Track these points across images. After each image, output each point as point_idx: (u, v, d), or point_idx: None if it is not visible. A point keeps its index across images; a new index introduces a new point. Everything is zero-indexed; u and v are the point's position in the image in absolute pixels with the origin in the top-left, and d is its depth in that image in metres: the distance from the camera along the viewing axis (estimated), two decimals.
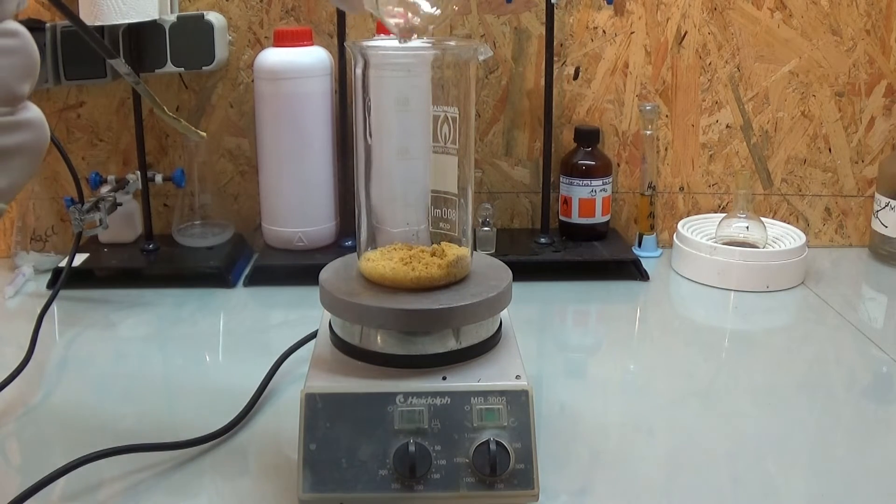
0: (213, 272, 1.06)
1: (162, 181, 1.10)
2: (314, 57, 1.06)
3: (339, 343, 0.66)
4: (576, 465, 0.69)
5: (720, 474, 0.68)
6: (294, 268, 1.07)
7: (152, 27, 1.04)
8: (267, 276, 1.07)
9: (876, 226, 1.17)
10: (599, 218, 1.15)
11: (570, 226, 1.16)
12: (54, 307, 0.97)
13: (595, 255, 1.11)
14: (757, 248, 1.09)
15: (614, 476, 0.68)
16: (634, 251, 1.15)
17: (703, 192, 1.21)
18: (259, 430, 0.74)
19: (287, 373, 0.82)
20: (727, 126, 1.19)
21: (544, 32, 1.09)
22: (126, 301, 1.02)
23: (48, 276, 1.06)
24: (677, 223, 1.15)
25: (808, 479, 0.68)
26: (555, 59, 1.13)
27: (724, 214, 1.14)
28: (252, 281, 1.07)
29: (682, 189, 1.21)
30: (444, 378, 0.63)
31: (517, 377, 0.63)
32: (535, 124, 1.17)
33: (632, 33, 1.15)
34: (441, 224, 0.68)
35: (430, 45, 0.72)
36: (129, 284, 1.06)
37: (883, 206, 1.15)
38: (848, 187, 1.22)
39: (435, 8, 0.62)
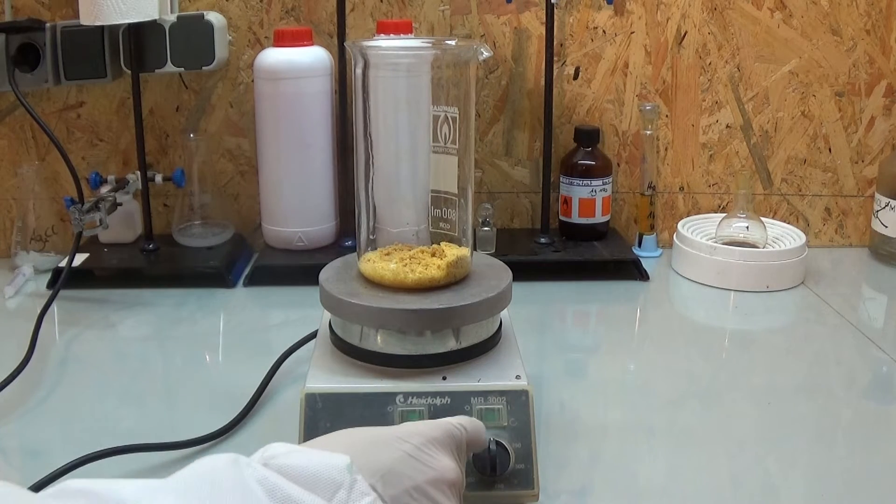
0: (213, 272, 1.06)
1: (162, 181, 1.10)
2: (314, 57, 1.06)
3: (339, 343, 0.66)
4: (576, 465, 0.69)
5: (720, 474, 0.68)
6: (294, 268, 1.07)
7: (152, 27, 1.04)
8: (267, 276, 1.07)
9: (876, 226, 1.17)
10: (599, 218, 1.15)
11: (570, 226, 1.16)
12: (54, 307, 0.97)
13: (595, 255, 1.11)
14: (757, 248, 1.09)
15: (614, 476, 0.68)
16: (634, 251, 1.15)
17: (703, 192, 1.21)
18: (259, 430, 0.74)
19: (287, 373, 0.82)
20: (727, 126, 1.19)
21: (544, 32, 1.09)
22: (126, 301, 1.02)
23: (48, 276, 1.06)
24: (677, 223, 1.15)
25: (808, 479, 0.68)
26: (555, 59, 1.13)
27: (724, 214, 1.14)
28: (252, 281, 1.07)
29: (682, 189, 1.21)
30: (444, 378, 0.63)
31: (517, 377, 0.63)
32: (535, 124, 1.17)
33: (632, 33, 1.15)
34: (441, 224, 0.68)
35: (430, 45, 0.72)
36: (129, 284, 1.06)
37: (883, 206, 1.15)
38: (848, 187, 1.22)
39: None
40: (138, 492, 0.40)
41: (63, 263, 1.01)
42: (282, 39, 1.05)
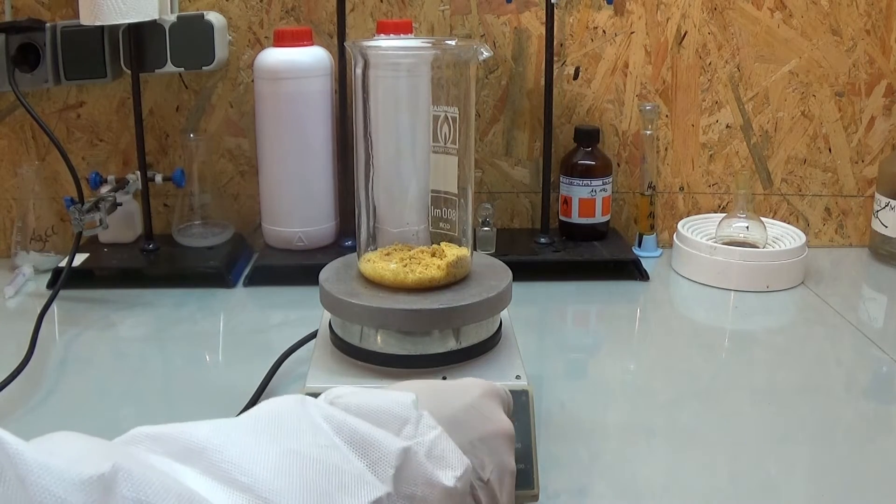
0: (213, 272, 1.06)
1: (162, 181, 1.10)
2: (314, 57, 1.06)
3: (339, 343, 0.66)
4: (576, 465, 0.69)
5: (720, 474, 0.68)
6: (294, 268, 1.06)
7: (152, 27, 1.04)
8: (267, 276, 1.07)
9: (876, 226, 1.17)
10: (599, 218, 1.15)
11: (570, 226, 1.16)
12: (54, 307, 0.97)
13: (595, 255, 1.11)
14: (757, 248, 1.09)
15: (614, 476, 0.68)
16: (634, 251, 1.15)
17: (703, 192, 1.21)
18: None
19: (287, 373, 0.82)
20: (727, 126, 1.19)
21: (544, 32, 1.09)
22: (126, 301, 1.02)
23: (48, 276, 1.06)
24: (677, 223, 1.15)
25: (808, 479, 0.68)
26: (555, 59, 1.13)
27: (724, 214, 1.14)
28: (252, 281, 1.07)
29: (682, 189, 1.21)
30: (444, 378, 0.63)
31: (517, 377, 0.63)
32: (535, 124, 1.17)
33: (632, 33, 1.15)
34: (441, 224, 0.68)
35: (430, 45, 0.72)
36: (129, 284, 1.06)
37: (883, 206, 1.15)
38: (848, 187, 1.22)
39: None
40: (210, 432, 0.40)
41: (63, 263, 1.01)
42: (282, 39, 1.05)
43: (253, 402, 0.76)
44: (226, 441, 0.40)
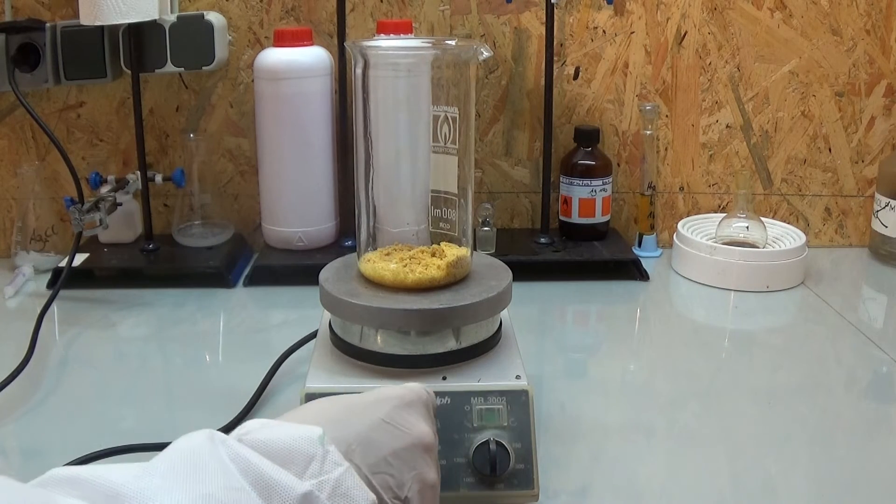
0: (213, 272, 1.06)
1: (162, 181, 1.10)
2: (314, 57, 1.06)
3: (339, 343, 0.66)
4: (576, 465, 0.69)
5: (720, 474, 0.68)
6: (294, 268, 1.07)
7: (152, 27, 1.04)
8: (267, 276, 1.07)
9: (876, 226, 1.17)
10: (599, 218, 1.15)
11: (570, 226, 1.16)
12: (54, 307, 0.97)
13: (595, 255, 1.11)
14: (757, 248, 1.09)
15: (614, 476, 0.68)
16: (634, 251, 1.15)
17: (703, 192, 1.21)
18: None
19: (287, 373, 0.82)
20: (727, 126, 1.19)
21: (544, 32, 1.09)
22: (126, 301, 1.02)
23: (48, 276, 1.06)
24: (677, 223, 1.15)
25: (808, 479, 0.68)
26: (555, 59, 1.13)
27: (724, 214, 1.14)
28: (252, 281, 1.07)
29: (682, 189, 1.21)
30: (444, 378, 0.63)
31: (517, 377, 0.63)
32: (535, 124, 1.17)
33: (632, 33, 1.15)
34: (441, 224, 0.68)
35: (430, 45, 0.72)
36: (129, 284, 1.06)
37: (883, 206, 1.15)
38: (848, 187, 1.22)
39: None
40: (124, 476, 0.40)
41: (63, 263, 1.01)
42: (282, 39, 1.05)
43: (253, 402, 0.77)
44: (141, 487, 0.40)
